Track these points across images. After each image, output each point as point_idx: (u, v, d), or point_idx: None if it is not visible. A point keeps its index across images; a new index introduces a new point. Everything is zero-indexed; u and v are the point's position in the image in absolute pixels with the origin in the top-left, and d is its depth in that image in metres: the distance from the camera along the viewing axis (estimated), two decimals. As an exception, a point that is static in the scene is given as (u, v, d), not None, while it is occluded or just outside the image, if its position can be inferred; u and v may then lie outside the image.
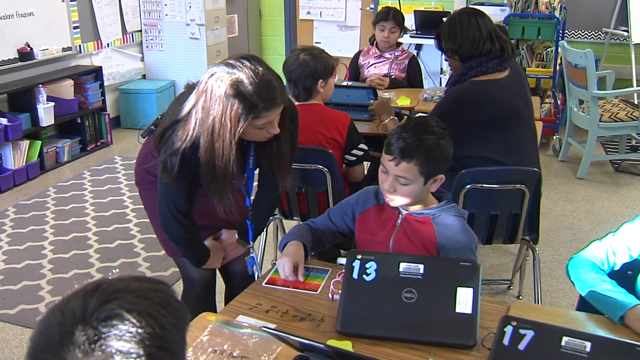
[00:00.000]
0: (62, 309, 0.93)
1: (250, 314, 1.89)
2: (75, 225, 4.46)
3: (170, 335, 0.94)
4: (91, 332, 0.89)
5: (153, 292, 0.97)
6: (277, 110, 2.06)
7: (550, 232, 4.27)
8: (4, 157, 5.19)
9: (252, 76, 1.97)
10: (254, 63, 2.00)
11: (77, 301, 0.93)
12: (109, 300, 0.93)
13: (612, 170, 5.44)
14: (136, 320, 0.91)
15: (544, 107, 5.97)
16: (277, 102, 2.03)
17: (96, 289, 0.95)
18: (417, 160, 1.99)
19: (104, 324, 0.90)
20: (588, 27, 6.77)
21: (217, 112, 1.97)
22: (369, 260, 1.87)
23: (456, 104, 3.01)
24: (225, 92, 1.96)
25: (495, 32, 3.04)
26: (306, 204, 3.21)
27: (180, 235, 2.28)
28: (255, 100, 1.97)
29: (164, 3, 6.83)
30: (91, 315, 0.91)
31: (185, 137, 2.03)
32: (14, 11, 5.40)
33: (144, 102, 6.67)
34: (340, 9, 7.79)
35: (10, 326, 3.31)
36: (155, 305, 0.95)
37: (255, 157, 2.27)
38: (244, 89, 1.96)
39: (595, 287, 1.90)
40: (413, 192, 2.04)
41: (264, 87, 1.98)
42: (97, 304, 0.92)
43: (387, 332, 1.75)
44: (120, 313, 0.91)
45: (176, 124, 2.06)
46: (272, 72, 2.05)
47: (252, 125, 2.02)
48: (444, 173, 2.08)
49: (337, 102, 3.92)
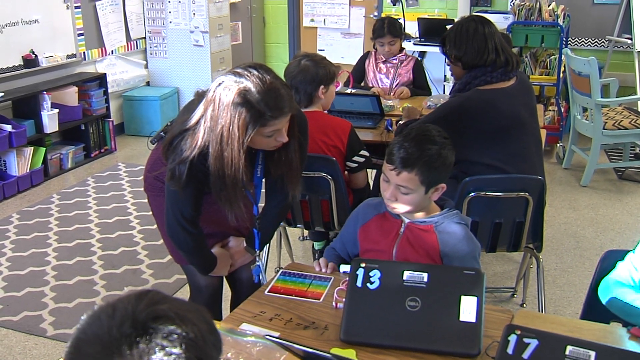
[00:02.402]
0: (113, 305, 0.97)
1: (254, 322, 1.88)
2: (78, 232, 4.47)
3: (210, 350, 0.98)
4: (140, 327, 0.93)
5: (196, 310, 1.01)
6: (284, 119, 2.06)
7: (554, 239, 4.26)
8: (8, 164, 5.20)
9: (260, 84, 1.98)
10: (261, 72, 2.01)
11: (129, 300, 0.97)
12: (159, 302, 0.97)
13: (615, 178, 5.43)
14: (182, 324, 0.95)
15: (547, 114, 5.97)
16: (285, 110, 2.04)
17: (147, 293, 0.99)
18: (418, 170, 2.00)
19: (152, 321, 0.94)
20: (592, 35, 6.78)
21: (225, 120, 1.98)
22: (373, 269, 1.87)
23: (460, 109, 3.00)
24: (233, 101, 1.97)
25: (501, 44, 3.03)
26: (310, 212, 3.21)
27: (186, 242, 2.28)
28: (262, 109, 1.98)
29: (168, 10, 6.86)
30: (141, 312, 0.95)
31: (194, 145, 2.04)
32: (18, 18, 5.42)
33: (148, 109, 6.68)
34: (344, 16, 7.81)
35: (13, 333, 3.31)
36: (200, 320, 0.99)
37: (264, 166, 2.28)
38: (252, 97, 1.97)
39: (624, 299, 1.89)
40: (414, 200, 2.04)
41: (271, 96, 1.99)
42: (148, 303, 0.96)
43: (390, 341, 1.75)
44: (169, 315, 0.95)
45: (185, 133, 2.07)
46: (280, 81, 2.06)
47: (260, 133, 2.03)
48: (445, 182, 2.08)
49: (340, 109, 3.93)
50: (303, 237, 4.29)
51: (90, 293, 3.66)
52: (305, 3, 7.94)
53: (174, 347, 0.92)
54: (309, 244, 4.08)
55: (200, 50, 6.87)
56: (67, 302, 3.57)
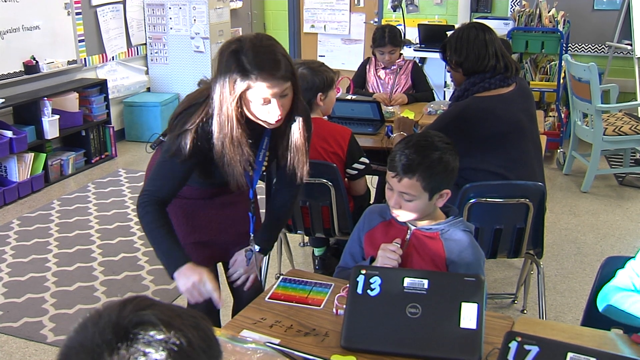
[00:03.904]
0: (100, 312, 0.97)
1: (255, 329, 1.88)
2: (79, 238, 4.47)
3: (198, 356, 0.96)
4: (121, 332, 0.92)
5: (188, 315, 0.99)
6: (275, 85, 1.94)
7: (555, 246, 4.26)
8: (9, 170, 5.20)
9: (254, 44, 1.93)
10: (264, 37, 1.98)
11: (115, 307, 0.97)
12: (143, 309, 0.96)
13: (616, 184, 5.43)
14: (167, 329, 0.93)
15: (547, 120, 5.98)
16: (275, 74, 1.92)
17: (134, 299, 0.98)
18: (419, 175, 1.99)
19: (135, 327, 0.93)
20: (592, 41, 6.79)
21: (219, 77, 1.96)
22: (373, 275, 1.86)
23: (458, 119, 3.01)
24: (226, 56, 1.94)
25: (501, 50, 3.04)
26: (310, 218, 3.21)
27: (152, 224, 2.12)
28: (248, 67, 1.91)
29: (168, 16, 6.87)
30: (124, 318, 0.94)
31: (201, 112, 2.02)
32: (19, 24, 5.43)
33: (149, 115, 6.69)
34: (345, 22, 7.83)
35: (13, 339, 3.31)
36: (188, 325, 0.97)
37: (267, 151, 2.22)
38: (243, 54, 1.92)
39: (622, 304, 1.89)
40: (418, 207, 2.04)
41: (261, 56, 1.92)
42: (132, 309, 0.96)
43: (391, 348, 1.75)
44: (153, 320, 0.94)
45: (192, 107, 2.06)
46: (281, 49, 1.98)
47: (249, 95, 1.96)
48: (450, 188, 2.08)
49: (341, 115, 3.94)
50: (303, 244, 4.29)
51: (90, 299, 3.66)
52: (305, 9, 7.96)
53: (157, 352, 0.91)
54: (310, 250, 4.08)
55: (200, 56, 6.89)
56: (68, 309, 3.57)
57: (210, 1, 6.77)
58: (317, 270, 3.77)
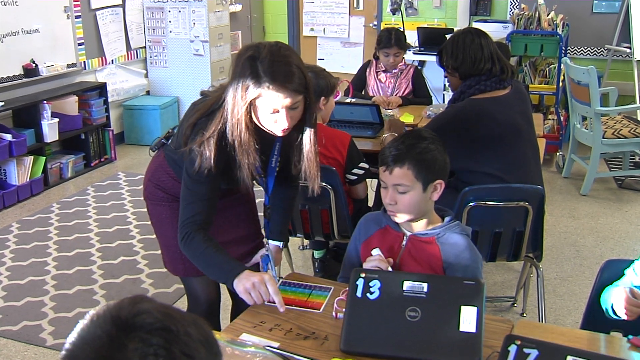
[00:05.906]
0: (99, 311, 0.99)
1: (254, 332, 1.88)
2: (78, 242, 4.47)
3: (195, 349, 0.97)
4: (120, 323, 0.95)
5: (186, 314, 1.01)
6: (284, 95, 1.94)
7: (554, 249, 4.26)
8: (8, 173, 5.20)
9: (272, 52, 1.93)
10: (282, 46, 1.98)
11: (115, 304, 0.99)
12: (141, 302, 0.99)
13: (615, 187, 5.44)
14: (164, 319, 0.96)
15: (547, 123, 5.98)
16: (287, 87, 1.92)
17: (132, 297, 1.01)
18: (409, 163, 2.01)
19: (133, 317, 0.95)
20: (591, 44, 6.80)
21: (234, 85, 1.96)
22: (373, 279, 1.86)
23: (454, 121, 3.03)
24: (243, 63, 1.95)
25: (497, 54, 3.07)
26: (309, 222, 3.21)
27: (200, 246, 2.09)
28: (262, 75, 1.91)
29: (168, 20, 6.88)
30: (123, 310, 0.97)
31: (219, 118, 2.01)
32: (19, 28, 5.43)
33: (148, 118, 6.69)
34: (344, 25, 7.84)
35: (13, 343, 3.30)
36: (186, 320, 0.99)
37: (279, 157, 2.23)
38: (259, 62, 1.92)
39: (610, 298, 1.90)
40: (414, 200, 2.03)
41: (276, 66, 1.92)
42: (130, 302, 0.99)
43: (390, 351, 1.75)
44: (151, 311, 0.96)
45: (209, 114, 2.04)
46: (298, 61, 1.97)
47: (259, 103, 1.96)
48: (443, 179, 2.07)
49: (340, 119, 3.94)
50: (303, 247, 4.29)
51: (90, 302, 3.65)
52: (305, 12, 7.97)
53: (155, 339, 0.93)
54: (309, 253, 4.08)
55: (200, 59, 6.89)
56: (67, 312, 3.57)
57: (210, 4, 6.78)
58: (317, 273, 3.77)
